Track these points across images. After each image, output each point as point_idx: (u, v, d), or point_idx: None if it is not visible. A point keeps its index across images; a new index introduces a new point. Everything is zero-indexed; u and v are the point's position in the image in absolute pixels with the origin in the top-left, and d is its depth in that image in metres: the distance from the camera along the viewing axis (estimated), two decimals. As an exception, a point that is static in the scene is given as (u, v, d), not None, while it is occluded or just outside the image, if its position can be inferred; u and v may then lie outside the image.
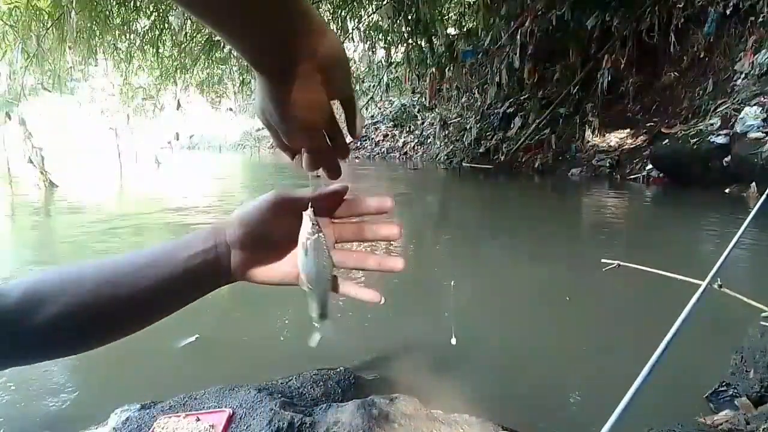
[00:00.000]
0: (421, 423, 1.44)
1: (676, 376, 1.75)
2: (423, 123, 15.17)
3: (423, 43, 11.37)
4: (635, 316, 2.71)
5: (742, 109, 6.54)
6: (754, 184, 5.89)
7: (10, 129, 8.33)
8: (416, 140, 15.04)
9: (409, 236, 5.27)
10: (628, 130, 9.18)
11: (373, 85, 14.12)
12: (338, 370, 1.93)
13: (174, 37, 10.67)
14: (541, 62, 10.49)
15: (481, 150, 11.41)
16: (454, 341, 2.36)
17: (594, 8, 9.22)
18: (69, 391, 1.98)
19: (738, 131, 6.28)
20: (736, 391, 1.77)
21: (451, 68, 11.38)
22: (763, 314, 1.72)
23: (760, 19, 7.52)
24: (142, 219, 6.17)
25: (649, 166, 7.84)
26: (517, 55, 9.87)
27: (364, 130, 0.42)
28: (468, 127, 11.99)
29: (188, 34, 10.49)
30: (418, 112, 15.57)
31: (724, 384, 1.82)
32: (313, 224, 0.42)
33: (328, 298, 0.45)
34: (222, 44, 11.28)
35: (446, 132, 12.86)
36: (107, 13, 9.10)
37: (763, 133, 6.00)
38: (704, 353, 2.05)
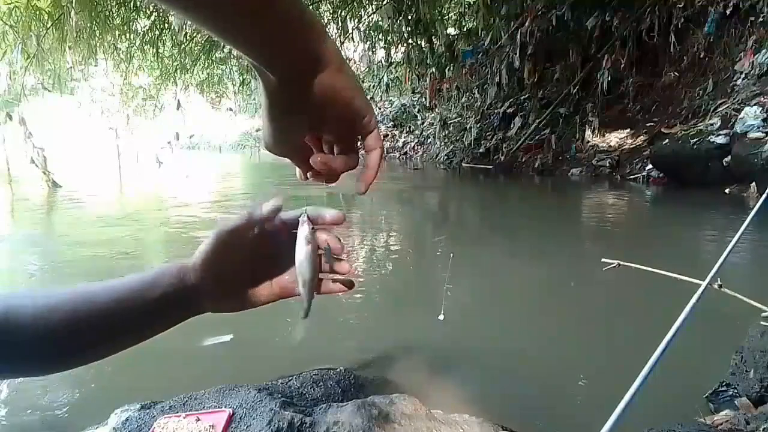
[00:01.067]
0: (421, 423, 1.44)
1: (676, 376, 1.75)
2: (423, 123, 15.16)
3: (423, 43, 11.35)
4: (635, 315, 2.71)
5: (742, 109, 6.53)
6: (754, 184, 5.88)
7: (10, 129, 8.32)
8: (416, 140, 15.03)
9: (410, 236, 5.27)
10: (628, 130, 9.18)
11: (373, 85, 14.11)
12: (338, 370, 1.93)
13: (174, 37, 10.67)
14: (541, 62, 10.49)
15: (481, 150, 11.40)
16: (442, 317, 2.38)
17: (594, 8, 9.21)
18: (69, 390, 1.98)
19: (738, 131, 6.28)
20: (736, 391, 1.77)
21: (451, 68, 11.37)
22: (763, 314, 1.72)
23: (760, 19, 7.52)
24: (153, 220, 6.18)
25: (649, 166, 7.84)
26: (517, 55, 9.86)
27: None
28: (468, 127, 11.98)
29: (188, 34, 10.48)
30: (418, 112, 15.56)
31: (724, 384, 1.82)
32: (310, 228, 0.44)
33: (312, 299, 0.47)
34: (222, 44, 11.27)
35: (446, 132, 12.85)
36: (107, 13, 9.09)
37: (763, 133, 6.00)
38: (704, 353, 2.05)
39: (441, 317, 2.43)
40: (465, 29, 11.90)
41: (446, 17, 12.32)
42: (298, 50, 0.32)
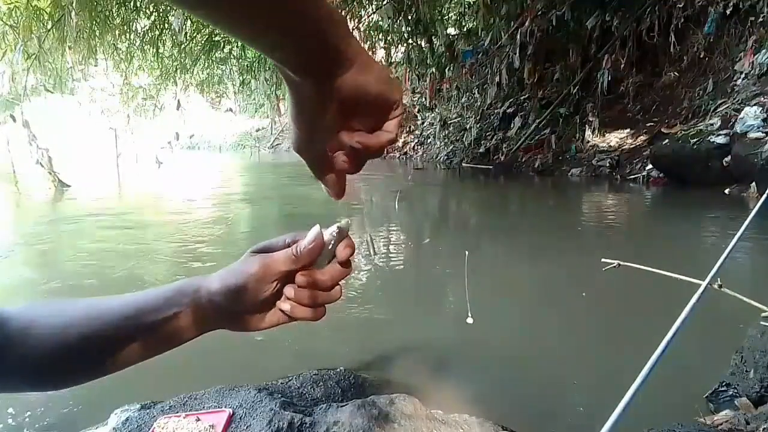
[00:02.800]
0: (421, 423, 1.44)
1: (676, 376, 1.75)
2: (423, 123, 15.16)
3: (423, 43, 11.35)
4: (635, 315, 2.71)
5: (742, 109, 6.53)
6: (754, 184, 5.88)
7: (13, 130, 8.35)
8: (416, 140, 15.03)
9: (410, 236, 5.27)
10: (628, 130, 9.18)
11: (374, 85, 14.08)
12: (338, 370, 1.93)
13: (174, 37, 10.66)
14: (541, 62, 10.49)
15: (481, 150, 11.39)
16: (470, 320, 2.32)
17: (594, 8, 9.21)
18: (69, 390, 1.97)
19: (738, 131, 6.28)
20: (736, 391, 1.77)
21: (451, 68, 11.37)
22: (763, 314, 1.72)
23: (760, 19, 7.52)
24: (164, 221, 6.17)
25: (649, 166, 7.83)
26: (517, 55, 9.85)
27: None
28: (468, 127, 11.98)
29: (188, 34, 10.48)
30: (418, 112, 15.56)
31: (724, 384, 1.82)
32: (339, 228, 0.44)
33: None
34: (222, 44, 11.28)
35: (446, 132, 12.85)
36: (107, 13, 9.09)
37: (763, 133, 6.00)
38: (704, 353, 2.05)
39: (470, 320, 2.34)
40: (465, 29, 11.89)
41: (446, 17, 12.32)
42: (319, 48, 0.31)
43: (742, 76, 7.58)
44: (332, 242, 0.44)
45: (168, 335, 0.44)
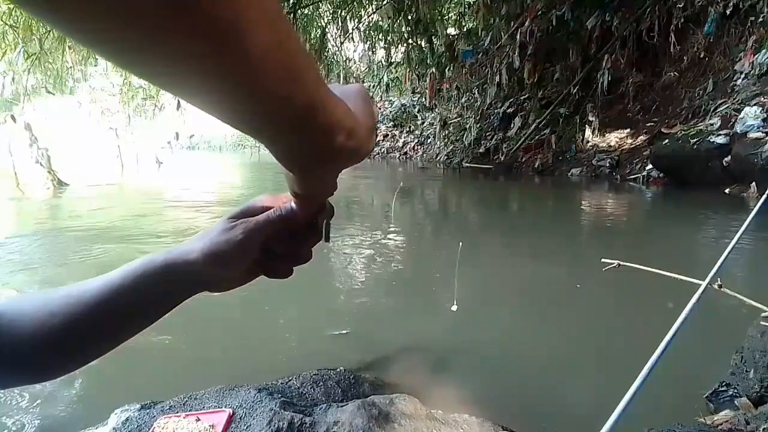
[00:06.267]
0: (421, 423, 1.44)
1: (676, 376, 1.75)
2: (423, 123, 15.17)
3: (423, 43, 11.36)
4: (635, 315, 2.71)
5: (742, 109, 6.54)
6: (754, 184, 5.88)
7: (13, 130, 8.37)
8: (416, 140, 15.04)
9: (411, 236, 5.27)
10: (628, 130, 9.18)
11: (373, 85, 14.12)
12: (338, 370, 1.93)
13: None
14: (541, 62, 10.49)
15: (481, 150, 11.40)
16: (455, 308, 2.37)
17: (594, 8, 9.22)
18: (69, 391, 1.98)
19: (738, 131, 6.28)
20: (736, 391, 1.76)
21: (451, 68, 11.38)
22: (763, 314, 1.72)
23: (760, 19, 7.52)
24: (164, 220, 6.18)
25: (649, 166, 7.84)
26: (517, 55, 9.87)
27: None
28: (468, 127, 11.98)
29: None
30: (418, 112, 15.56)
31: (724, 384, 1.82)
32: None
33: None
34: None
35: (446, 132, 12.85)
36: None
37: (763, 133, 6.00)
38: (704, 353, 2.05)
39: (454, 308, 2.42)
40: (465, 29, 11.90)
41: (446, 17, 12.33)
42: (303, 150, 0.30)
43: (742, 76, 7.59)
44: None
45: (148, 310, 0.44)
